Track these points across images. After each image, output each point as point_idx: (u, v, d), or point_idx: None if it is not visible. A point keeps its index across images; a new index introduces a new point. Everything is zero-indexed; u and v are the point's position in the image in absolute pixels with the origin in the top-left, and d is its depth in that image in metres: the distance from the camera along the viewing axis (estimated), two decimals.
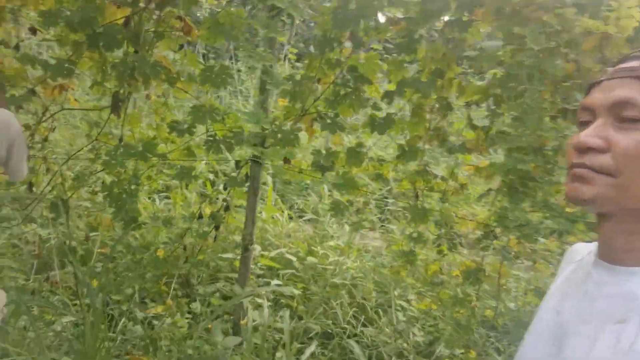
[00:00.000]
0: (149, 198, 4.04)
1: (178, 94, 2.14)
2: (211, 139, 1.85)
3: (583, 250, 0.66)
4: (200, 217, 2.05)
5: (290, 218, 4.82)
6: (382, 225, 4.70)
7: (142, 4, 1.95)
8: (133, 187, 1.95)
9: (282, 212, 4.53)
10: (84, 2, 1.83)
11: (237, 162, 1.97)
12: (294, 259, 3.15)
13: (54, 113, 2.06)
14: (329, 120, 1.89)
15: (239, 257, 2.21)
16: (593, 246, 0.61)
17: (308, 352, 2.08)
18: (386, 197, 4.74)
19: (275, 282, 2.82)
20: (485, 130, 1.79)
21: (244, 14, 1.85)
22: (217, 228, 2.04)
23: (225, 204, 2.07)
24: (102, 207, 2.47)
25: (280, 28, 1.79)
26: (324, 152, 1.85)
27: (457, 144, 1.77)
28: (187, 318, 2.22)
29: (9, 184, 1.90)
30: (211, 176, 4.05)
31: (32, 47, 2.44)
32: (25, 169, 1.49)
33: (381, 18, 1.94)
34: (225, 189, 2.02)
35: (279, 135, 1.77)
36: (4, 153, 1.34)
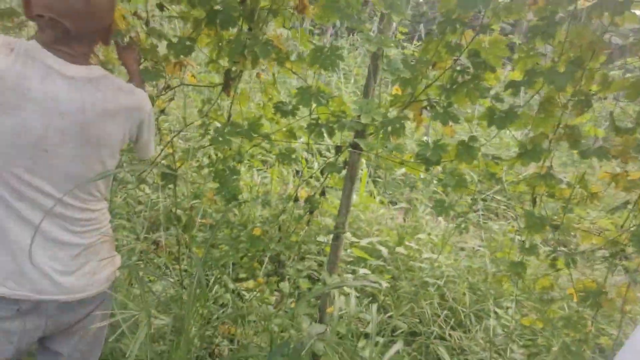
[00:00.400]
0: (248, 172, 4.21)
1: (287, 73, 2.12)
2: (314, 122, 1.80)
3: None
4: (296, 199, 2.04)
5: (382, 204, 4.73)
6: (480, 222, 4.41)
7: None
8: (236, 164, 1.99)
9: (374, 197, 4.45)
10: None
11: (338, 147, 1.91)
12: (384, 249, 3.06)
13: (173, 87, 2.16)
14: (440, 110, 1.74)
15: (329, 243, 2.17)
16: None
17: (394, 349, 2.00)
18: (483, 192, 4.42)
19: (363, 270, 2.77)
20: (630, 134, 1.52)
21: None
22: (311, 212, 2.01)
23: (322, 188, 2.03)
24: (206, 180, 2.59)
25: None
26: (431, 143, 1.71)
27: (593, 147, 1.52)
28: (274, 297, 2.26)
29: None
30: (306, 155, 4.09)
31: (159, 23, 2.57)
32: (153, 147, 1.55)
33: None
34: (322, 173, 1.98)
35: (383, 124, 1.67)
36: (135, 131, 1.40)
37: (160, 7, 2.16)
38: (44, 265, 1.26)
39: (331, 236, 2.12)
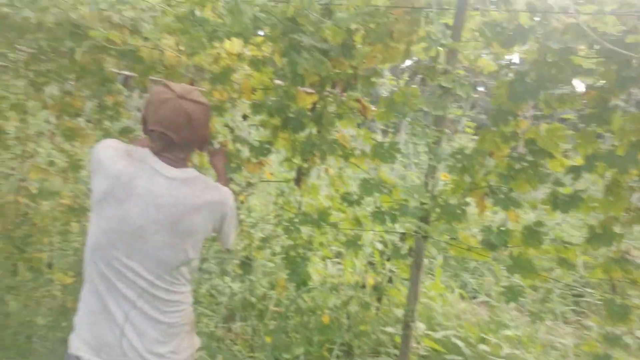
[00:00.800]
0: (323, 262, 4.31)
1: (353, 167, 2.30)
2: (377, 210, 1.91)
3: None
4: (364, 286, 2.09)
5: (462, 298, 4.51)
6: (578, 320, 4.02)
7: (327, 90, 2.23)
8: (307, 252, 2.12)
9: (452, 290, 4.28)
10: (282, 92, 2.18)
11: (403, 235, 1.97)
12: (462, 344, 2.89)
13: (253, 184, 2.44)
14: (502, 196, 1.77)
15: (400, 333, 2.14)
16: None
17: None
18: (578, 286, 4.07)
19: None
20: None
21: (418, 92, 1.94)
22: (379, 300, 2.03)
23: (389, 276, 2.07)
24: (280, 268, 2.73)
25: (456, 102, 1.83)
26: (494, 229, 1.73)
27: None
28: None
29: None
30: (380, 246, 4.12)
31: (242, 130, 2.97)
32: (234, 237, 1.76)
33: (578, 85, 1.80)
34: (389, 260, 2.03)
35: (444, 210, 1.73)
36: (218, 224, 1.62)
37: (245, 117, 2.53)
38: (134, 340, 1.43)
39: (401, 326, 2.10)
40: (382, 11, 1.91)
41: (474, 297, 4.51)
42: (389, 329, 2.52)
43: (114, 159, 1.45)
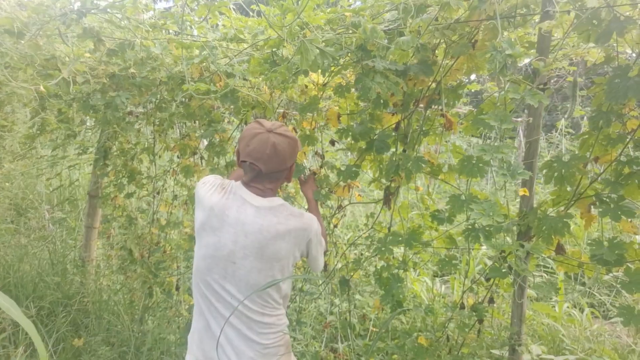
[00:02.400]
0: (432, 281, 4.18)
1: (443, 184, 2.25)
2: (470, 227, 1.83)
3: None
4: (462, 307, 1.99)
5: (596, 318, 4.03)
6: None
7: (411, 108, 2.22)
8: (400, 272, 2.11)
9: (581, 310, 3.85)
10: (367, 116, 2.23)
11: (502, 252, 1.86)
12: None
13: (344, 207, 2.51)
14: (611, 205, 1.59)
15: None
16: None
17: None
18: None
19: None
20: None
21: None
22: (480, 321, 1.92)
23: (490, 295, 1.95)
24: (375, 289, 2.73)
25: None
26: (605, 242, 1.54)
27: None
28: None
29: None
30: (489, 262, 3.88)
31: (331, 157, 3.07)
32: (322, 261, 1.82)
33: None
34: (487, 279, 1.92)
35: (544, 223, 1.60)
36: (305, 249, 1.70)
37: (332, 142, 2.62)
38: (232, 358, 1.56)
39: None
40: (462, 22, 1.87)
41: (610, 318, 3.97)
42: (497, 352, 2.34)
43: (209, 194, 1.63)
